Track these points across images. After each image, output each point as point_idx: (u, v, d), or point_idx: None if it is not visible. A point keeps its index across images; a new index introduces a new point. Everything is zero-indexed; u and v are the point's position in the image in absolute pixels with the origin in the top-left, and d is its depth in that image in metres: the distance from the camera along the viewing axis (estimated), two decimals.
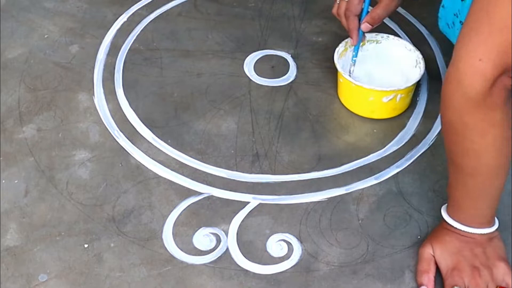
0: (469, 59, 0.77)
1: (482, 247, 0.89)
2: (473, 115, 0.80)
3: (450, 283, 0.88)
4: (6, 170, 1.03)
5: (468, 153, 0.84)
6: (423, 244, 0.92)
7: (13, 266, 0.91)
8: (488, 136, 0.82)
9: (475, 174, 0.86)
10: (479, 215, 0.89)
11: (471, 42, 0.77)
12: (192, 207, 0.99)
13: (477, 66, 0.77)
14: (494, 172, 0.86)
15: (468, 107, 0.80)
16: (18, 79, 1.18)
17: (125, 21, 1.31)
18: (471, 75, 0.77)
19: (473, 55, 0.77)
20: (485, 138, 0.82)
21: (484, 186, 0.87)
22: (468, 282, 0.87)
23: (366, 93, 1.08)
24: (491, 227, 0.90)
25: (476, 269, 0.88)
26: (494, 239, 0.91)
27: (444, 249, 0.90)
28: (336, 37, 1.24)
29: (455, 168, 0.88)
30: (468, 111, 0.80)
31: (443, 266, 0.89)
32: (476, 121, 0.81)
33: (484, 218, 0.89)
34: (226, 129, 1.11)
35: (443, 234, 0.91)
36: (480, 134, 0.82)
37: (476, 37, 0.76)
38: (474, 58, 0.76)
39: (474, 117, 0.80)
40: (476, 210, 0.89)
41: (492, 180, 0.86)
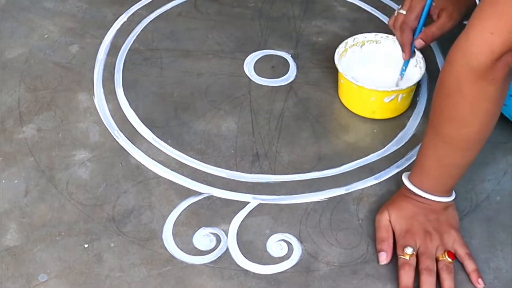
0: (481, 31, 0.79)
1: (437, 214, 0.93)
2: (471, 84, 0.82)
3: (402, 244, 0.91)
4: (6, 170, 1.03)
5: (453, 120, 0.87)
6: (380, 211, 0.96)
7: (13, 266, 0.91)
8: (478, 109, 0.84)
9: (451, 143, 0.88)
10: (441, 184, 0.93)
11: (486, 14, 0.79)
12: (192, 207, 0.99)
13: (487, 39, 0.79)
14: (470, 145, 0.89)
15: (468, 76, 0.82)
16: (18, 79, 1.18)
17: (125, 21, 1.31)
18: (480, 46, 0.80)
19: (486, 28, 0.79)
20: (475, 110, 0.84)
21: (455, 157, 0.90)
22: (419, 244, 0.91)
23: (367, 94, 1.08)
24: (449, 197, 0.94)
25: (428, 233, 0.92)
26: (449, 208, 0.95)
27: (399, 214, 0.94)
28: (336, 37, 1.24)
29: (433, 134, 0.90)
30: (467, 80, 0.82)
31: (397, 229, 0.93)
32: (472, 92, 0.83)
33: (445, 187, 0.93)
34: (226, 129, 1.10)
35: (400, 200, 0.95)
36: (471, 105, 0.84)
37: (492, 11, 0.78)
38: (486, 30, 0.79)
39: (472, 87, 0.83)
40: (440, 179, 0.92)
41: (465, 152, 0.89)
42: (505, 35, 0.78)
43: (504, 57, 0.80)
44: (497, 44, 0.78)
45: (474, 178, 1.03)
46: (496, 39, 0.78)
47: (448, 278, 0.89)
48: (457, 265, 0.91)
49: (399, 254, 0.91)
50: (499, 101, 0.85)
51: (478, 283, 0.89)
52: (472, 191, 1.02)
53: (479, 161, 1.05)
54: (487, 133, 0.88)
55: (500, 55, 0.79)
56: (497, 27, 0.78)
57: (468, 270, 0.91)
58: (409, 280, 0.89)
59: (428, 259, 0.90)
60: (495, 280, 0.91)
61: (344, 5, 1.36)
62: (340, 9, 1.35)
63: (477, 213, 0.99)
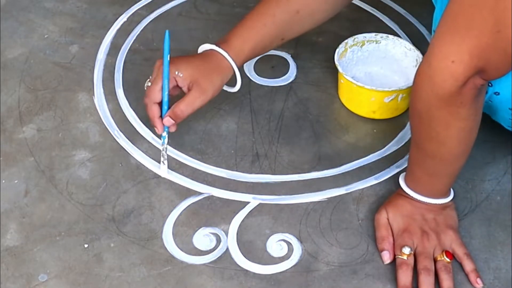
0: (442, 59, 0.79)
1: (434, 214, 0.94)
2: (440, 109, 0.83)
3: (400, 243, 0.92)
4: (6, 170, 1.03)
5: (431, 140, 0.87)
6: (378, 211, 0.96)
7: (13, 266, 0.91)
8: (452, 129, 0.85)
9: (436, 158, 0.89)
10: (434, 189, 0.93)
11: (446, 42, 0.78)
12: (192, 207, 0.99)
13: (449, 67, 0.78)
14: (455, 158, 0.89)
15: (436, 102, 0.82)
16: (18, 79, 1.18)
17: (125, 21, 1.31)
18: (442, 74, 0.79)
19: (446, 56, 0.78)
20: (449, 130, 0.85)
21: (443, 168, 0.90)
22: (416, 244, 0.91)
23: (367, 94, 1.08)
24: (446, 198, 0.94)
25: (425, 233, 0.92)
26: (447, 209, 0.95)
27: (396, 212, 0.94)
28: (336, 37, 1.24)
29: (417, 148, 0.91)
30: (436, 106, 0.82)
31: (395, 228, 0.94)
32: (442, 115, 0.83)
33: (439, 191, 0.93)
34: (226, 129, 1.10)
35: (398, 199, 0.95)
36: (445, 126, 0.84)
37: (452, 38, 0.78)
38: (447, 58, 0.78)
39: (441, 111, 0.83)
40: (431, 185, 0.93)
41: (452, 163, 0.90)
42: (466, 62, 0.77)
43: (469, 81, 0.79)
44: (460, 71, 0.78)
45: (474, 178, 1.03)
46: (458, 67, 0.78)
47: (447, 278, 0.89)
48: (457, 265, 0.92)
49: (397, 254, 0.91)
50: (474, 117, 0.85)
51: (477, 283, 0.89)
52: (472, 191, 1.02)
53: (479, 161, 1.05)
54: (468, 146, 0.88)
55: (464, 81, 0.79)
56: (458, 55, 0.77)
57: (466, 270, 0.91)
58: (408, 280, 0.89)
59: (426, 259, 0.90)
60: (495, 280, 0.91)
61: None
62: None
63: (477, 213, 0.99)
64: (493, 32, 0.74)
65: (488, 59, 0.77)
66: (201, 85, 0.96)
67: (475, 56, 0.77)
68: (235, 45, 1.00)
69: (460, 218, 0.96)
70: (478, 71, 0.78)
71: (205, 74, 0.97)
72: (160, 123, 0.97)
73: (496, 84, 0.91)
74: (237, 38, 1.00)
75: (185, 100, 0.96)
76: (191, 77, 0.97)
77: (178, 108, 0.96)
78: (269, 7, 1.02)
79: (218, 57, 0.99)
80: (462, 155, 0.89)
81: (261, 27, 1.01)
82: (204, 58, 0.99)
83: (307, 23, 1.05)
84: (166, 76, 0.96)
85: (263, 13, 1.02)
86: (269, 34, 1.02)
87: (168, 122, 0.97)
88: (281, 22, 1.02)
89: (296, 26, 1.04)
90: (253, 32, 1.01)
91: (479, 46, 0.76)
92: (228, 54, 0.99)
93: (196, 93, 0.96)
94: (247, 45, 1.00)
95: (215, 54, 0.99)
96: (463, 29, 0.76)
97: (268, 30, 1.01)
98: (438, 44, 0.79)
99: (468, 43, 0.76)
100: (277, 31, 1.02)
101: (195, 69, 0.97)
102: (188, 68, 0.97)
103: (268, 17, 1.01)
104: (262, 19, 1.01)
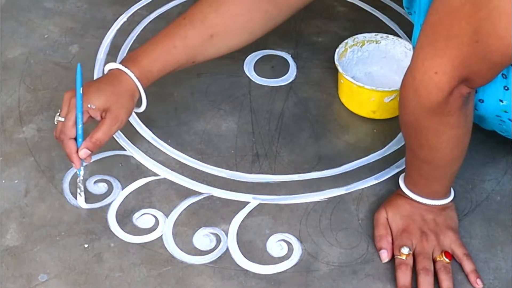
0: (425, 71, 0.78)
1: (434, 214, 0.93)
2: (428, 119, 0.83)
3: (399, 244, 0.92)
4: (6, 170, 1.03)
5: (423, 147, 0.87)
6: (378, 210, 0.96)
7: (13, 266, 0.91)
8: (443, 136, 0.85)
9: (431, 163, 0.89)
10: (433, 191, 0.93)
11: (428, 54, 0.78)
12: (192, 207, 0.99)
13: (432, 78, 0.78)
14: (450, 162, 0.89)
15: (423, 113, 0.82)
16: (18, 79, 1.18)
17: (125, 21, 1.31)
18: (427, 86, 0.79)
19: (429, 67, 0.78)
20: (440, 137, 0.85)
21: (439, 172, 0.90)
22: (415, 244, 0.91)
23: (367, 94, 1.08)
24: (445, 199, 0.94)
25: (424, 234, 0.92)
26: (447, 209, 0.95)
27: (396, 212, 0.94)
28: (336, 37, 1.24)
29: (411, 154, 0.91)
30: (423, 116, 0.83)
31: (394, 228, 0.94)
32: (432, 124, 0.83)
33: (437, 193, 0.93)
34: (226, 129, 1.10)
35: (397, 199, 0.95)
36: (435, 135, 0.84)
37: (433, 49, 0.77)
38: (430, 70, 0.78)
39: (429, 121, 0.83)
40: (430, 188, 0.93)
41: (447, 167, 0.90)
42: (449, 72, 0.77)
43: (455, 90, 0.79)
44: (444, 82, 0.78)
45: (474, 178, 1.03)
46: (442, 78, 0.77)
47: (446, 278, 0.89)
48: (456, 266, 0.92)
49: (396, 254, 0.91)
50: (464, 124, 0.85)
51: (477, 283, 0.89)
52: (472, 191, 1.02)
53: (479, 161, 1.05)
54: (462, 150, 0.88)
55: (449, 91, 0.78)
56: (441, 66, 0.77)
57: (466, 271, 0.91)
58: (407, 280, 0.89)
59: (425, 259, 0.90)
60: (495, 280, 0.91)
61: (344, 5, 1.36)
62: (340, 9, 1.35)
63: (477, 213, 0.99)
64: (472, 42, 0.74)
65: (471, 68, 0.76)
66: (114, 112, 0.94)
67: (457, 66, 0.76)
68: (143, 65, 0.97)
69: (460, 218, 0.96)
70: (462, 80, 0.78)
71: (116, 100, 0.95)
72: (78, 159, 0.94)
73: (480, 91, 0.90)
74: (145, 58, 0.97)
75: (101, 129, 0.94)
76: (103, 106, 0.94)
77: (96, 138, 0.94)
78: (181, 28, 0.99)
79: (125, 77, 0.96)
80: (457, 159, 0.89)
81: (170, 48, 0.98)
82: (113, 81, 0.96)
83: (223, 48, 1.03)
84: (80, 110, 0.93)
85: (174, 34, 0.99)
86: (179, 56, 0.99)
87: (85, 154, 0.94)
88: (192, 45, 0.99)
89: (209, 51, 1.02)
90: (162, 53, 0.98)
91: (460, 56, 0.75)
92: (134, 75, 0.96)
93: (110, 121, 0.94)
94: (156, 66, 0.98)
95: (122, 75, 0.96)
96: (443, 40, 0.76)
97: (178, 52, 0.99)
98: (420, 56, 0.79)
99: (449, 54, 0.76)
100: (187, 54, 0.99)
101: (106, 98, 0.95)
102: (99, 98, 0.94)
103: (179, 39, 0.98)
104: (172, 40, 0.98)
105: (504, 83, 0.86)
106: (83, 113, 0.94)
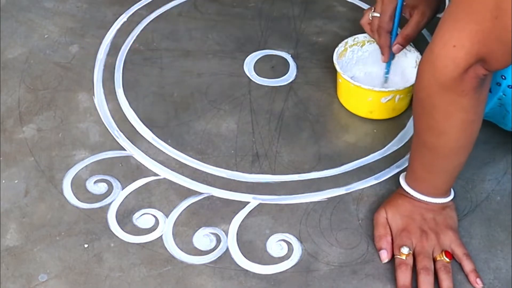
0: (444, 44, 0.79)
1: (433, 213, 0.93)
2: (441, 97, 0.83)
3: (398, 243, 0.92)
4: (6, 170, 1.03)
5: (431, 130, 0.87)
6: (377, 210, 0.96)
7: (13, 266, 0.91)
8: (452, 119, 0.84)
9: (434, 151, 0.89)
10: (434, 187, 0.93)
11: (448, 28, 0.79)
12: (192, 207, 0.99)
13: (450, 52, 0.78)
14: (454, 152, 0.89)
15: (437, 89, 0.82)
16: (18, 79, 1.18)
17: (125, 21, 1.31)
18: (444, 59, 0.79)
19: (448, 41, 0.78)
20: (449, 120, 0.85)
21: (442, 163, 0.90)
22: (415, 244, 0.91)
23: (364, 94, 1.08)
24: (446, 198, 0.94)
25: (424, 233, 0.92)
26: (447, 209, 0.94)
27: (395, 212, 0.94)
28: (336, 37, 1.24)
29: (418, 140, 0.91)
30: (437, 93, 0.83)
31: (394, 227, 0.94)
32: (443, 104, 0.83)
33: (439, 190, 0.93)
34: (226, 129, 1.11)
35: (397, 199, 0.95)
36: (445, 116, 0.84)
37: (454, 23, 0.78)
38: (449, 43, 0.78)
39: (442, 100, 0.83)
40: (431, 183, 0.93)
41: (451, 158, 0.90)
42: (468, 47, 0.77)
43: (471, 69, 0.79)
44: (461, 57, 0.78)
45: (474, 178, 1.03)
46: (459, 52, 0.78)
47: (446, 278, 0.89)
48: (456, 265, 0.92)
49: (396, 253, 0.91)
50: (475, 109, 0.85)
51: (477, 283, 0.89)
52: (472, 191, 1.02)
53: (479, 161, 1.05)
54: (468, 140, 0.88)
55: (465, 68, 0.79)
56: (459, 40, 0.77)
57: (466, 271, 0.91)
58: (407, 280, 0.89)
59: (425, 259, 0.90)
60: (495, 280, 0.91)
61: (344, 5, 1.36)
62: (340, 9, 1.35)
63: (477, 213, 0.99)
64: (492, 18, 0.74)
65: (488, 46, 0.76)
66: (421, 9, 1.05)
67: (475, 43, 0.76)
68: None
69: (460, 218, 0.96)
70: (479, 59, 0.78)
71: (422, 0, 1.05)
72: (389, 52, 1.09)
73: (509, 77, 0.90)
74: None
75: (410, 25, 1.06)
76: (412, 3, 1.06)
77: (406, 33, 1.06)
78: None
79: None
80: (462, 149, 0.89)
81: None
82: None
83: None
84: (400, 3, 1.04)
85: None
86: None
87: (397, 49, 1.08)
88: None
89: None
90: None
91: (479, 32, 0.75)
92: None
93: (418, 17, 1.05)
94: None
95: None
96: (464, 15, 0.76)
97: None
98: (441, 30, 0.80)
99: (469, 29, 0.76)
100: None
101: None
102: None
103: None
104: None
105: None
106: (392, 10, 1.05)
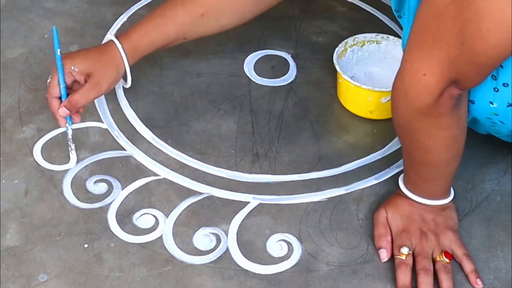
0: (414, 73, 0.78)
1: (433, 214, 0.93)
2: (420, 121, 0.83)
3: (398, 244, 0.92)
4: (6, 170, 1.03)
5: (417, 149, 0.87)
6: (377, 209, 0.96)
7: (13, 266, 0.91)
8: (436, 138, 0.84)
9: (425, 164, 0.89)
10: (431, 191, 0.93)
11: (416, 56, 0.78)
12: (192, 207, 0.99)
13: (421, 81, 0.78)
14: (444, 164, 0.89)
15: (414, 115, 0.82)
16: (18, 79, 1.18)
17: (125, 21, 1.31)
18: (416, 88, 0.79)
19: (417, 70, 0.78)
20: (433, 139, 0.84)
21: (434, 173, 0.90)
22: (415, 244, 0.91)
23: (364, 94, 1.08)
24: (445, 199, 0.94)
25: (424, 234, 0.92)
26: (446, 209, 0.94)
27: (395, 212, 0.94)
28: (336, 37, 1.24)
29: (407, 156, 0.91)
30: (415, 118, 0.83)
31: (394, 228, 0.94)
32: (423, 126, 0.83)
33: (436, 193, 0.93)
34: (226, 129, 1.11)
35: (397, 199, 0.95)
36: (428, 136, 0.84)
37: (420, 51, 0.77)
38: (418, 72, 0.78)
39: (421, 123, 0.83)
40: (428, 188, 0.93)
41: (443, 168, 0.90)
42: (438, 74, 0.77)
43: (445, 92, 0.79)
44: (433, 84, 0.77)
45: (474, 178, 1.03)
46: (431, 79, 0.77)
47: (446, 279, 0.89)
48: (456, 266, 0.92)
49: (396, 254, 0.91)
50: (457, 125, 0.85)
51: (477, 284, 0.89)
52: (472, 191, 1.02)
53: (479, 161, 1.05)
54: (456, 151, 0.88)
55: (439, 93, 0.78)
56: (429, 68, 0.77)
57: (466, 271, 0.91)
58: (406, 280, 0.89)
59: (424, 259, 0.90)
60: (495, 280, 0.91)
61: (344, 5, 1.36)
62: (340, 9, 1.35)
63: (477, 213, 0.99)
64: (458, 44, 0.73)
65: (459, 70, 0.76)
66: (95, 78, 0.99)
67: (445, 68, 0.76)
68: (133, 38, 1.03)
69: (460, 218, 0.96)
70: (452, 82, 0.78)
71: (99, 68, 1.00)
72: (60, 117, 1.00)
73: (470, 92, 0.89)
74: (135, 32, 1.04)
75: (79, 92, 0.99)
76: (86, 71, 1.00)
77: (73, 99, 0.98)
78: (173, 7, 1.05)
79: (113, 48, 1.02)
80: (452, 160, 0.89)
81: (160, 25, 1.04)
82: (101, 50, 1.02)
83: (214, 27, 1.09)
84: (60, 70, 0.98)
85: (165, 13, 1.05)
86: (169, 33, 1.05)
87: (63, 112, 0.99)
88: (182, 23, 1.05)
89: (200, 28, 1.07)
90: (152, 29, 1.04)
91: (447, 58, 0.75)
92: (121, 47, 1.02)
93: (90, 86, 0.99)
94: (145, 40, 1.04)
95: (111, 45, 1.03)
96: (430, 42, 0.76)
97: (168, 29, 1.04)
98: (408, 58, 0.79)
99: (436, 56, 0.76)
100: (177, 30, 1.05)
101: (90, 63, 1.00)
102: (83, 62, 1.00)
103: (170, 19, 1.04)
104: (163, 18, 1.05)
105: (494, 85, 0.85)
106: (67, 74, 0.99)
